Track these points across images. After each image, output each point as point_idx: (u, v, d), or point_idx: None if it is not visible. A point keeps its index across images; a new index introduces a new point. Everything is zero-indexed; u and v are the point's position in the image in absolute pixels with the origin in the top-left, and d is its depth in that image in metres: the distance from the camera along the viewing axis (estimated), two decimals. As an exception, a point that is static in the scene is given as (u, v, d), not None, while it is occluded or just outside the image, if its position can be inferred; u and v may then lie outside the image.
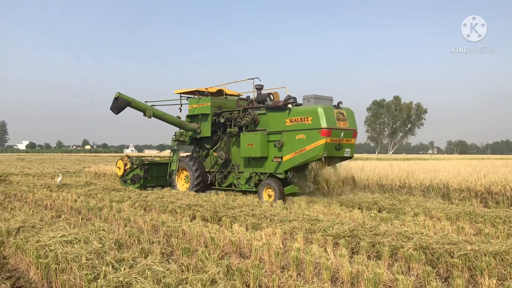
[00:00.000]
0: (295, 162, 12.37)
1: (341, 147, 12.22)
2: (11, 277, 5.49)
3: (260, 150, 13.01)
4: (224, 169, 14.91)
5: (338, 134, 12.05)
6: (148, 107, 15.14)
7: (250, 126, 13.73)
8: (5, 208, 10.10)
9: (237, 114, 14.21)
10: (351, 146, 12.63)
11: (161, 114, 15.27)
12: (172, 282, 4.47)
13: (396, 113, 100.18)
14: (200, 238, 7.02)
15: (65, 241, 6.30)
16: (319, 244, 6.58)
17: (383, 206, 10.62)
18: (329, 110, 12.08)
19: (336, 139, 12.04)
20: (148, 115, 14.88)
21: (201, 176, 14.90)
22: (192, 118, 15.67)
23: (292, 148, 12.45)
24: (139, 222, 8.40)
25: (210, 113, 14.94)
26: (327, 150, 11.81)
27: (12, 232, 7.14)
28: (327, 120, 11.80)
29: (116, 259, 5.41)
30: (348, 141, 12.45)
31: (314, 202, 11.49)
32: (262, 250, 5.98)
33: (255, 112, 13.62)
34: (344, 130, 12.20)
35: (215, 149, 15.27)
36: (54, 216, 9.12)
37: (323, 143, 11.70)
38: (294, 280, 4.80)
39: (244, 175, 13.99)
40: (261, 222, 8.16)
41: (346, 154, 12.52)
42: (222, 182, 15.01)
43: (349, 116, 12.62)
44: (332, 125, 11.91)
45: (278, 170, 12.83)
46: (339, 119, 12.20)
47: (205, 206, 10.16)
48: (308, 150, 12.07)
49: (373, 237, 6.73)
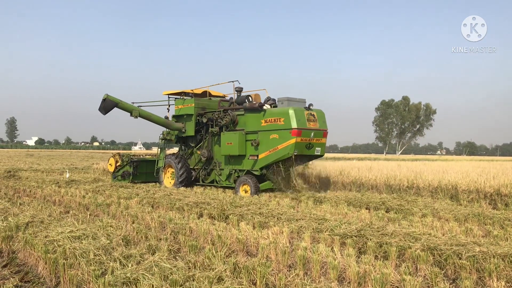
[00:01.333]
0: (269, 160, 13.31)
1: (311, 146, 13.20)
2: (20, 271, 5.54)
3: (238, 148, 13.90)
4: (207, 166, 15.82)
5: (308, 134, 13.01)
6: (134, 108, 15.92)
7: (230, 126, 14.64)
8: (14, 203, 10.18)
9: (218, 114, 15.06)
10: (322, 145, 13.59)
11: (147, 115, 16.08)
12: (179, 279, 4.47)
13: (404, 113, 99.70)
14: (207, 236, 7.03)
15: (73, 236, 6.34)
16: (326, 243, 6.56)
17: (390, 206, 10.57)
18: (299, 112, 13.01)
19: (306, 138, 13.01)
20: (134, 115, 15.70)
21: (186, 173, 15.66)
22: (178, 118, 16.54)
23: (267, 147, 13.39)
24: (146, 219, 8.43)
25: (194, 114, 15.79)
26: (297, 149, 12.79)
27: (21, 227, 7.19)
28: (297, 121, 12.75)
29: (124, 255, 5.43)
30: (319, 140, 13.42)
31: (320, 201, 11.46)
32: (269, 248, 5.98)
33: (234, 113, 14.55)
34: (314, 130, 13.16)
35: (198, 148, 16.12)
36: (63, 211, 9.19)
37: (294, 142, 12.69)
38: (301, 279, 4.79)
39: (225, 172, 14.92)
40: (268, 221, 8.15)
41: (316, 152, 13.51)
42: (205, 179, 15.90)
43: (320, 117, 13.54)
44: (302, 125, 12.87)
45: (254, 167, 13.77)
46: (309, 120, 13.15)
47: (212, 204, 10.17)
48: (280, 149, 13.02)
49: (381, 237, 6.70)
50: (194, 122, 15.84)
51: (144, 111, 16.10)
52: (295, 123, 12.72)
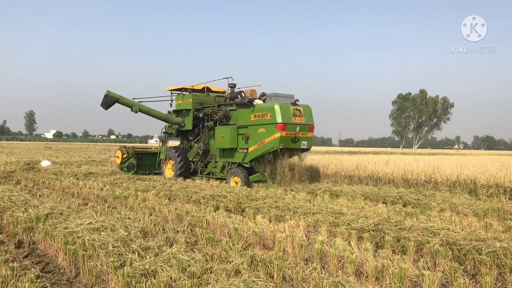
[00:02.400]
0: (258, 153, 13.91)
1: (297, 140, 13.71)
2: (41, 262, 5.63)
3: (230, 142, 14.57)
4: (204, 159, 16.51)
5: (293, 128, 13.54)
6: (134, 103, 16.69)
7: (223, 120, 15.36)
8: (34, 195, 10.34)
9: (212, 109, 15.81)
10: (308, 139, 14.06)
11: (147, 110, 16.87)
12: (197, 271, 4.50)
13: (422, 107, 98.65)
14: (224, 229, 7.06)
15: (92, 228, 6.42)
16: (343, 237, 6.53)
17: (408, 200, 10.48)
18: (285, 107, 13.55)
19: (292, 132, 13.53)
20: (134, 110, 16.50)
21: (184, 165, 16.26)
22: (178, 113, 17.22)
23: (256, 140, 14.00)
24: (163, 211, 8.50)
25: (192, 109, 16.41)
26: (282, 143, 13.33)
27: (41, 219, 7.30)
28: (282, 116, 13.29)
29: (142, 247, 5.48)
30: (305, 134, 13.90)
31: (337, 195, 11.41)
32: (286, 242, 5.98)
33: (226, 108, 15.22)
34: (300, 124, 13.67)
35: (196, 141, 16.83)
36: (81, 203, 9.30)
37: (279, 136, 13.23)
38: (318, 272, 4.79)
39: (219, 164, 15.60)
40: (284, 214, 8.15)
41: (303, 146, 13.98)
42: (203, 171, 16.57)
43: (306, 112, 14.00)
44: (288, 120, 13.39)
45: (245, 160, 14.39)
46: (295, 115, 13.65)
47: (229, 197, 10.20)
48: (267, 142, 13.62)
49: (398, 232, 6.65)
50: (192, 116, 16.49)
51: (144, 106, 16.84)
52: (280, 118, 13.27)
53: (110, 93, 16.36)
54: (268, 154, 13.92)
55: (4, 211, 8.08)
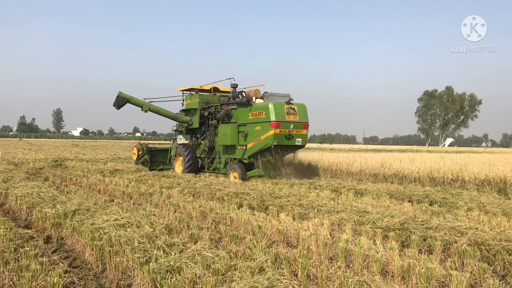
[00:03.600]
0: (255, 149, 14.69)
1: (291, 137, 14.42)
2: (68, 257, 5.74)
3: (231, 139, 15.43)
4: (210, 155, 17.50)
5: (287, 126, 14.24)
6: (144, 103, 17.84)
7: (225, 119, 16.19)
8: (61, 192, 10.55)
9: (215, 108, 16.78)
10: (303, 136, 14.71)
11: (156, 109, 18.04)
12: (221, 268, 4.52)
13: (448, 104, 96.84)
14: (248, 226, 7.06)
15: (118, 224, 6.51)
16: (368, 236, 6.45)
17: (434, 199, 10.30)
18: (279, 106, 14.27)
19: (286, 130, 14.25)
20: (144, 110, 17.68)
21: (192, 161, 17.16)
22: (186, 112, 18.37)
23: (253, 137, 14.77)
24: (188, 208, 8.56)
25: (199, 108, 17.44)
26: (276, 140, 14.10)
27: (69, 215, 7.43)
28: (276, 114, 14.04)
29: (167, 244, 5.52)
30: (299, 132, 14.56)
31: (361, 193, 11.30)
32: (310, 240, 5.95)
33: (228, 107, 16.09)
34: (294, 122, 14.36)
35: (203, 138, 17.91)
36: (107, 200, 9.43)
37: (273, 134, 14.00)
38: (343, 271, 4.74)
39: (222, 160, 16.54)
40: (308, 212, 8.11)
41: (297, 143, 14.67)
42: (209, 166, 17.53)
43: (301, 111, 14.64)
44: (281, 118, 14.13)
45: (244, 156, 15.19)
46: (289, 114, 14.35)
47: (252, 195, 10.21)
48: (262, 139, 14.39)
49: (425, 231, 6.54)
50: (198, 115, 17.47)
51: (154, 106, 17.97)
52: (273, 116, 14.03)
53: (121, 94, 17.43)
54: (264, 150, 14.59)
55: (33, 207, 8.26)
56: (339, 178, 16.36)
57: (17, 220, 8.01)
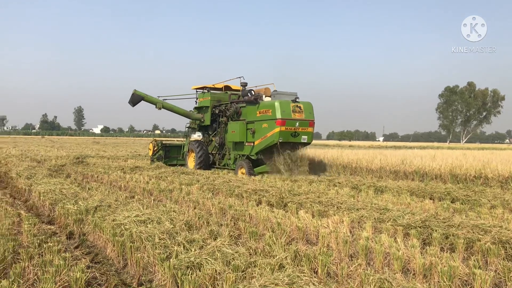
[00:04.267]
0: (262, 146, 15.07)
1: (297, 134, 14.77)
2: (90, 252, 5.83)
3: (239, 136, 15.93)
4: (221, 151, 17.97)
5: (293, 124, 14.61)
6: (158, 101, 18.36)
7: (234, 116, 16.71)
8: (83, 188, 10.70)
9: (225, 106, 17.33)
10: (308, 133, 15.03)
11: (169, 107, 18.47)
12: (241, 265, 4.52)
13: (470, 100, 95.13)
14: (267, 223, 7.05)
15: (139, 220, 6.57)
16: (389, 234, 6.38)
17: (456, 196, 10.14)
18: (285, 104, 14.63)
19: (292, 127, 14.62)
20: (158, 107, 18.19)
21: (203, 157, 17.70)
22: (199, 109, 18.95)
23: (260, 134, 15.17)
24: (207, 205, 8.60)
25: (210, 106, 17.99)
26: (282, 137, 14.47)
27: (91, 211, 7.54)
28: (281, 112, 14.40)
29: (187, 240, 5.55)
30: (305, 129, 14.88)
31: (382, 190, 11.18)
32: (330, 237, 5.91)
33: (237, 105, 16.63)
34: (299, 120, 14.68)
35: (214, 135, 18.38)
36: (128, 196, 9.53)
37: (278, 131, 14.38)
38: (363, 269, 4.70)
39: (232, 156, 16.94)
40: (328, 210, 8.06)
41: (303, 140, 15.02)
42: (220, 162, 17.93)
43: (306, 109, 14.94)
44: (287, 116, 14.48)
45: (251, 152, 15.61)
46: (295, 111, 14.67)
47: (271, 192, 10.20)
48: (268, 136, 14.74)
49: (447, 229, 6.44)
50: (210, 113, 18.03)
51: (167, 103, 18.45)
52: (279, 114, 14.39)
53: (136, 91, 18.07)
54: (270, 147, 14.91)
55: (56, 203, 8.39)
56: (359, 175, 16.23)
57: (40, 216, 8.15)
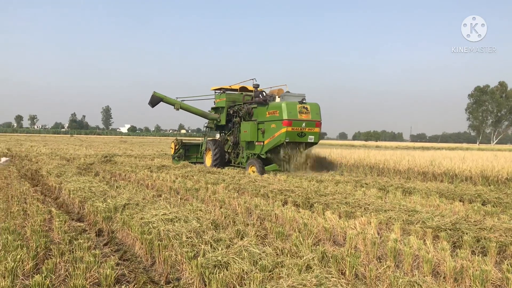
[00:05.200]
0: (270, 145, 15.69)
1: (304, 134, 15.36)
2: (119, 250, 5.91)
3: (250, 135, 16.56)
4: (235, 150, 18.53)
5: (299, 124, 15.20)
6: (176, 102, 19.24)
7: (246, 117, 17.21)
8: (111, 186, 10.87)
9: (238, 107, 17.95)
10: (315, 133, 15.57)
11: (187, 107, 19.30)
12: (268, 265, 4.51)
13: (501, 100, 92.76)
14: (293, 223, 7.02)
15: (166, 219, 6.63)
16: (418, 236, 6.28)
17: (487, 199, 9.90)
18: (292, 105, 15.25)
19: (298, 128, 15.20)
20: (176, 108, 19.06)
21: (219, 156, 18.17)
22: (216, 109, 19.56)
23: (269, 134, 15.78)
24: (233, 204, 8.62)
25: (225, 106, 18.59)
26: (289, 137, 15.11)
27: (119, 209, 7.65)
28: (288, 113, 15.02)
29: (214, 239, 5.58)
30: (311, 129, 15.44)
31: (410, 192, 11.00)
32: (357, 239, 5.84)
33: (249, 106, 17.17)
34: (306, 121, 15.27)
35: (229, 134, 18.98)
36: (155, 195, 9.64)
37: (285, 131, 15.01)
38: (392, 271, 4.63)
39: (245, 155, 17.52)
40: (355, 211, 7.97)
41: (310, 140, 15.57)
42: (235, 161, 18.50)
43: (313, 110, 15.49)
44: (294, 117, 15.10)
45: (262, 151, 16.19)
46: (301, 112, 15.27)
47: (297, 192, 10.16)
48: (276, 136, 15.36)
49: (478, 232, 6.29)
50: (225, 113, 18.63)
51: (185, 104, 19.29)
52: (286, 115, 15.00)
53: (155, 93, 19.12)
54: (278, 147, 15.56)
55: (85, 201, 8.55)
56: (386, 176, 16.01)
57: (70, 213, 8.32)
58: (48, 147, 32.77)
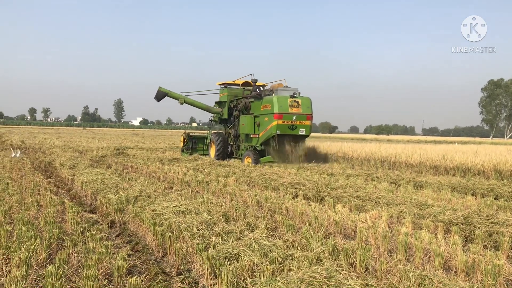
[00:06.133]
0: (264, 138, 16.45)
1: (295, 127, 16.11)
2: (131, 241, 5.96)
3: (248, 128, 17.44)
4: (236, 142, 19.08)
5: (290, 118, 16.00)
6: (180, 96, 20.08)
7: (244, 110, 17.99)
8: (123, 179, 10.95)
9: (237, 101, 18.70)
10: (306, 126, 16.32)
11: (190, 102, 20.19)
12: (278, 257, 4.52)
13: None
14: (303, 216, 7.03)
15: (177, 211, 6.69)
16: (429, 230, 6.24)
17: (500, 193, 9.81)
18: (283, 99, 16.10)
19: (289, 121, 15.99)
20: (180, 102, 20.00)
21: (221, 148, 18.88)
22: (219, 104, 20.22)
23: (263, 127, 16.55)
24: (243, 197, 8.64)
25: (227, 101, 19.35)
26: (279, 129, 15.91)
27: (131, 201, 7.72)
28: (279, 107, 15.87)
29: (225, 231, 5.61)
30: (302, 122, 16.20)
31: (421, 186, 10.93)
32: (368, 232, 5.83)
33: (246, 100, 17.95)
34: (296, 114, 16.04)
35: (230, 128, 19.64)
36: (167, 187, 9.70)
37: (276, 124, 15.84)
38: (403, 265, 4.62)
39: (243, 147, 18.15)
40: (366, 204, 7.95)
41: (301, 132, 16.32)
42: (236, 153, 19.03)
43: (304, 104, 16.31)
44: (284, 110, 15.92)
45: (257, 143, 16.92)
46: (292, 106, 16.08)
47: (307, 185, 10.16)
48: (268, 129, 16.16)
49: (490, 226, 6.25)
50: (227, 107, 19.40)
51: (189, 99, 20.13)
52: (277, 108, 15.84)
53: (161, 88, 20.04)
54: (271, 138, 16.20)
55: (98, 193, 8.64)
56: (397, 170, 15.93)
57: (83, 205, 8.41)
58: (61, 139, 33.09)
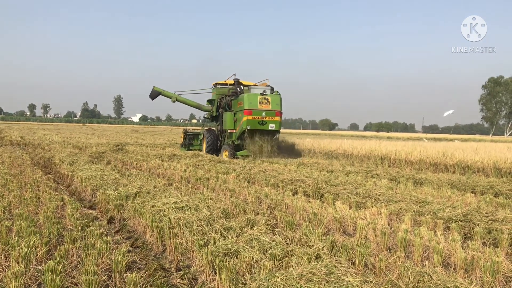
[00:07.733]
0: (238, 133, 17.80)
1: (264, 122, 17.41)
2: (130, 237, 5.97)
3: (228, 124, 18.65)
4: (222, 138, 19.99)
5: (259, 114, 17.28)
6: (173, 95, 21.28)
7: (226, 108, 19.32)
8: (123, 175, 10.95)
9: (221, 99, 20.02)
10: (275, 122, 17.60)
11: (182, 100, 21.33)
12: (278, 254, 4.53)
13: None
14: (303, 213, 7.03)
15: (177, 207, 6.68)
16: (428, 227, 6.25)
17: (500, 191, 9.82)
18: (253, 97, 17.45)
19: (258, 117, 17.27)
20: (172, 101, 21.17)
21: (211, 143, 19.88)
22: (210, 102, 21.45)
23: (238, 123, 17.87)
24: (243, 194, 8.64)
25: (216, 99, 20.57)
26: (250, 125, 17.23)
27: (130, 197, 7.71)
28: (248, 104, 17.20)
29: (224, 227, 5.61)
30: (271, 118, 17.49)
31: (421, 183, 10.93)
32: (367, 229, 5.84)
33: (228, 98, 19.44)
34: (265, 110, 17.29)
35: (218, 124, 20.68)
36: (166, 184, 9.69)
37: (246, 120, 17.17)
38: (402, 261, 4.62)
39: (226, 142, 19.12)
40: (365, 201, 7.96)
41: (271, 128, 17.56)
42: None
43: (274, 101, 17.56)
44: (254, 107, 17.22)
45: (234, 138, 18.18)
46: (261, 103, 17.33)
47: (307, 182, 10.16)
48: (241, 124, 17.42)
49: (490, 223, 6.26)
50: (216, 105, 20.51)
51: (181, 97, 21.27)
52: (246, 105, 17.14)
53: (155, 87, 21.27)
54: (243, 134, 17.45)
55: (97, 189, 8.63)
56: (397, 167, 15.93)
57: (82, 201, 8.41)
58: (61, 135, 33.06)
